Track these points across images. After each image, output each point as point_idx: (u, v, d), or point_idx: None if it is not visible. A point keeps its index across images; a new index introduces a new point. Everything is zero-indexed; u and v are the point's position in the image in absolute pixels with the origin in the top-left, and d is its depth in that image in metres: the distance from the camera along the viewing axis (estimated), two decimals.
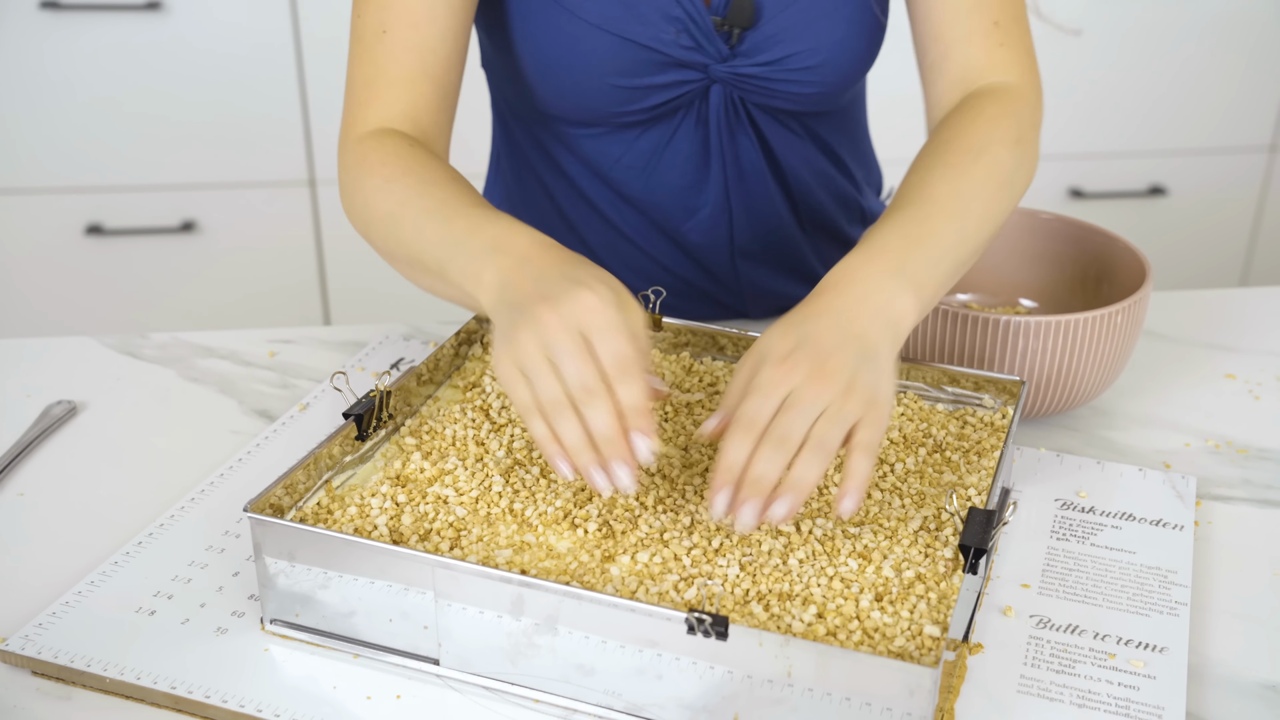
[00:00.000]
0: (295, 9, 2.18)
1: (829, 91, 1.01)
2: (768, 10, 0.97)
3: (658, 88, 0.99)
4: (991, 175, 0.85)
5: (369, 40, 0.92)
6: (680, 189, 1.07)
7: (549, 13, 0.96)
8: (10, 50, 2.16)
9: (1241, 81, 2.40)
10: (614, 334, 0.70)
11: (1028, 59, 0.95)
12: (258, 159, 2.29)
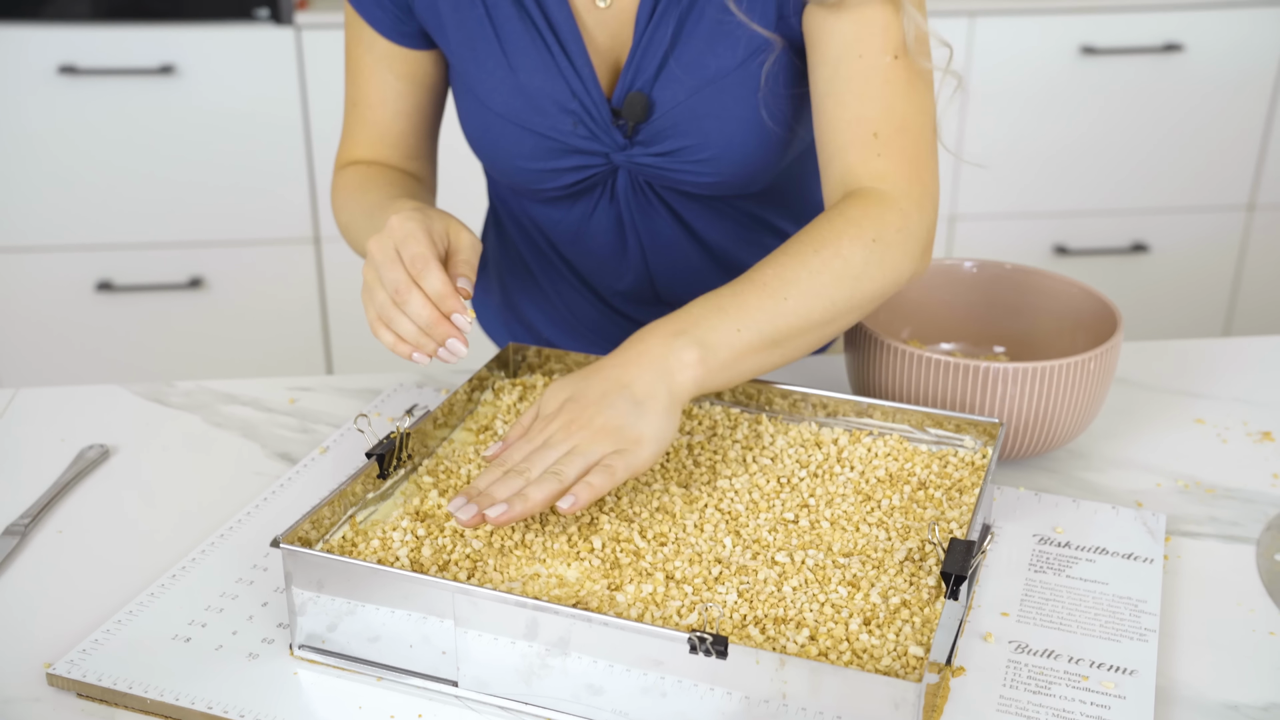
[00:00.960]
0: (302, 71, 2.26)
1: (729, 181, 1.07)
2: (661, 105, 1.03)
3: (564, 170, 1.08)
4: (829, 265, 0.92)
5: (347, 105, 1.15)
6: (605, 257, 1.16)
7: (468, 100, 1.08)
8: (29, 112, 2.24)
9: (1220, 142, 2.48)
10: (412, 240, 0.88)
11: (908, 168, 0.97)
12: (264, 217, 2.36)
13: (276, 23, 2.24)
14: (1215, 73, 2.42)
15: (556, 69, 1.04)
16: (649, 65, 1.03)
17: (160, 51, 2.22)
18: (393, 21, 1.09)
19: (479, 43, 1.05)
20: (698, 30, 1.01)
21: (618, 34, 1.04)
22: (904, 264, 0.95)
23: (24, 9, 2.20)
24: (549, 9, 1.03)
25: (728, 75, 1.02)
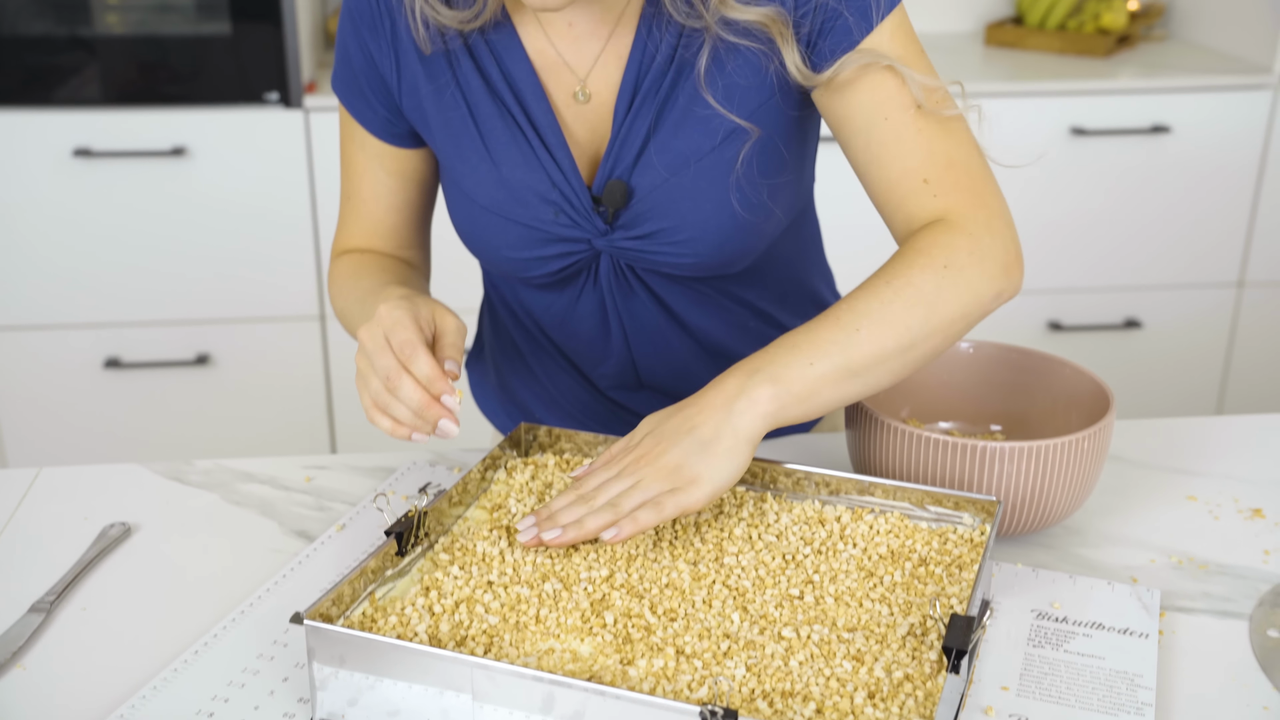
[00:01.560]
0: (310, 152, 2.31)
1: (706, 262, 1.10)
2: (639, 191, 1.07)
3: (548, 258, 1.11)
4: (901, 294, 0.96)
5: (343, 198, 1.21)
6: (589, 341, 1.20)
7: (455, 194, 1.13)
8: (43, 194, 2.28)
9: (1208, 220, 2.53)
10: (400, 328, 0.94)
11: (967, 197, 1.00)
12: (270, 294, 2.40)
13: (286, 106, 2.30)
14: (1201, 153, 2.48)
15: (537, 162, 1.08)
16: (628, 154, 1.07)
17: (172, 134, 2.27)
18: (384, 123, 1.13)
19: (463, 140, 1.09)
20: (674, 118, 1.05)
21: (596, 127, 1.09)
22: (983, 285, 0.98)
23: (40, 94, 2.26)
24: (529, 106, 1.07)
25: (703, 159, 1.05)
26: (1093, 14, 2.68)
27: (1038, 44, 2.70)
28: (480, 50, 1.07)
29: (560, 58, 1.07)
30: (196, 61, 2.28)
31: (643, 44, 1.05)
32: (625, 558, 0.92)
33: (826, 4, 1.00)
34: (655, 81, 1.05)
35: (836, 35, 1.00)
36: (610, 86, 1.07)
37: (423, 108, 1.10)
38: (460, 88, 1.08)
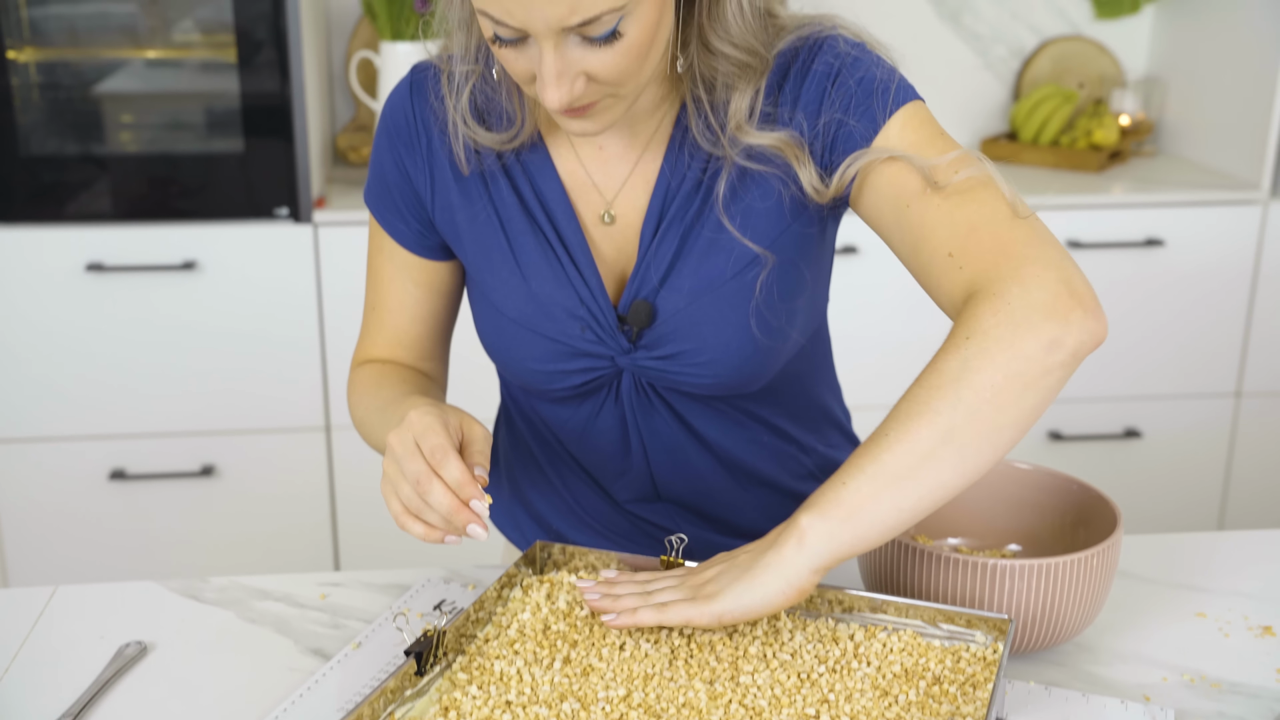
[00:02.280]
0: (318, 266, 2.35)
1: (726, 382, 1.12)
2: (663, 312, 1.10)
3: (572, 372, 1.14)
4: (924, 382, 0.92)
5: (367, 308, 1.24)
6: (609, 454, 1.21)
7: (483, 305, 1.16)
8: (55, 308, 2.31)
9: (1204, 331, 2.56)
10: (430, 433, 0.96)
11: (991, 257, 0.95)
12: (276, 406, 2.41)
13: (295, 221, 2.34)
14: (1195, 266, 2.52)
15: (566, 279, 1.11)
16: (653, 276, 1.10)
17: (183, 248, 2.31)
18: (415, 236, 1.17)
19: (494, 254, 1.13)
20: (698, 244, 1.09)
21: (623, 247, 1.12)
22: (1020, 339, 0.91)
23: (53, 210, 2.30)
24: (560, 225, 1.11)
25: (724, 285, 1.08)
26: (1084, 130, 2.75)
27: (1032, 159, 2.75)
28: (515, 169, 1.12)
29: (590, 179, 1.11)
30: (208, 177, 2.32)
31: (669, 170, 1.09)
32: (642, 677, 0.92)
33: (834, 118, 1.04)
34: (681, 208, 1.09)
35: (848, 145, 1.04)
36: (636, 209, 1.11)
37: (455, 222, 1.14)
38: (494, 204, 1.12)
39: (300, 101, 2.30)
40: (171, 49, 2.34)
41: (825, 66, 1.05)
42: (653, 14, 0.95)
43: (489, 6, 0.93)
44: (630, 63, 0.96)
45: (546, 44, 0.93)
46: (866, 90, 1.04)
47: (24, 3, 2.25)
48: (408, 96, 1.15)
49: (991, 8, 2.89)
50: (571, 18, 0.91)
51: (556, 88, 0.94)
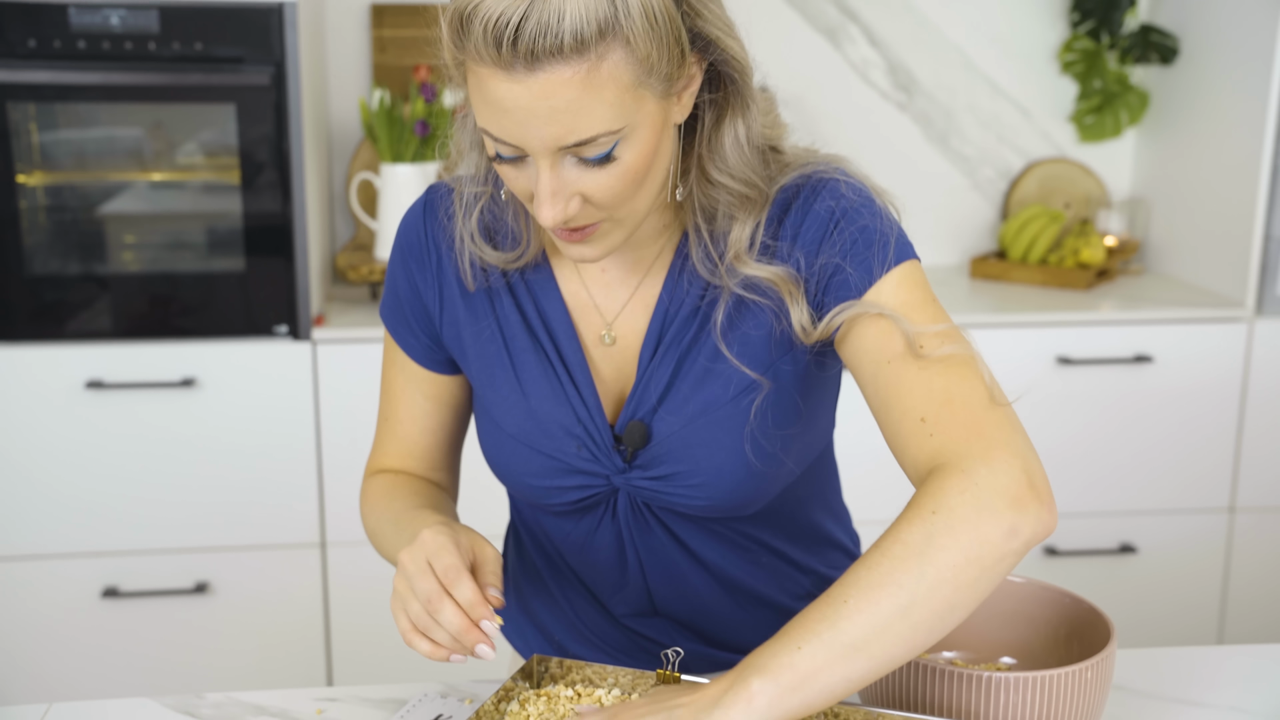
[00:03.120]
0: (316, 383, 2.37)
1: (719, 505, 1.13)
2: (658, 433, 1.12)
3: (568, 489, 1.15)
4: (887, 553, 0.92)
5: (380, 418, 1.26)
6: (606, 570, 1.22)
7: (485, 420, 1.18)
8: (54, 425, 2.33)
9: (1195, 447, 2.58)
10: (444, 553, 0.99)
11: (963, 433, 0.97)
12: (271, 522, 2.41)
13: (294, 338, 2.36)
14: (1184, 382, 2.54)
15: (565, 397, 1.13)
16: (649, 398, 1.12)
17: (183, 366, 2.33)
18: (425, 350, 1.20)
19: (496, 371, 1.15)
20: (694, 369, 1.11)
21: (621, 368, 1.15)
22: (983, 522, 0.92)
23: (53, 328, 2.32)
24: (561, 345, 1.14)
25: (719, 409, 1.10)
26: (1072, 249, 2.80)
27: (1021, 277, 2.80)
28: (519, 288, 1.15)
29: (592, 301, 1.15)
30: (208, 295, 2.36)
31: (669, 295, 1.12)
32: None
33: (832, 262, 1.06)
34: (679, 333, 1.11)
35: (840, 292, 1.06)
36: (635, 331, 1.14)
37: (461, 338, 1.17)
38: (498, 322, 1.15)
39: (301, 222, 2.35)
40: (175, 171, 2.39)
41: (827, 210, 1.07)
42: (650, 141, 0.98)
43: (489, 125, 0.97)
44: (625, 187, 0.99)
45: (543, 163, 0.96)
46: (867, 241, 1.06)
47: (35, 129, 2.31)
48: (421, 215, 1.19)
49: (978, 131, 2.96)
50: (568, 138, 0.94)
51: (551, 206, 0.97)
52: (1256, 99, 2.51)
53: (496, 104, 0.95)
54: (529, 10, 0.90)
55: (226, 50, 2.27)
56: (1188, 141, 2.78)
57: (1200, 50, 2.72)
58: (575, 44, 0.91)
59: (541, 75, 0.92)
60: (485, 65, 0.94)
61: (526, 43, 0.91)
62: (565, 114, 0.94)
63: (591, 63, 0.93)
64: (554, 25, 0.91)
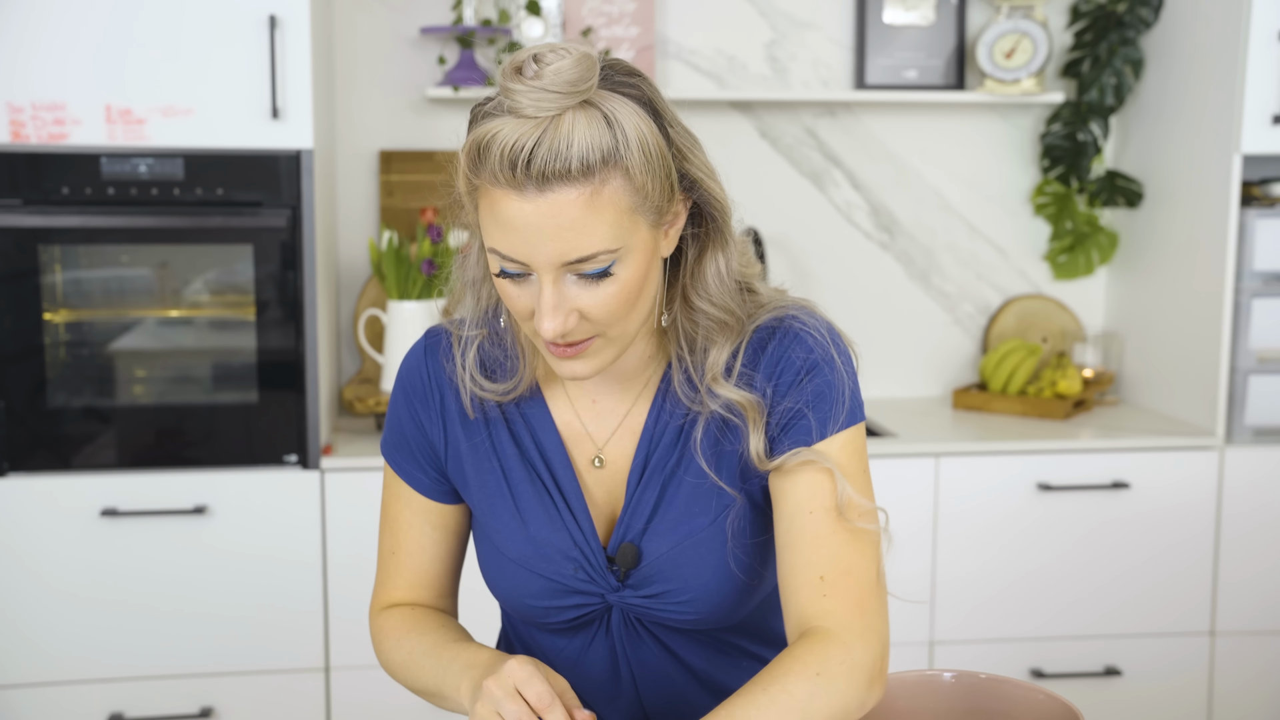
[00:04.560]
0: (324, 510, 2.45)
1: (707, 618, 1.22)
2: (648, 554, 1.22)
3: (565, 608, 1.24)
4: (776, 701, 1.05)
5: (385, 554, 1.32)
6: (600, 682, 1.29)
7: (486, 546, 1.27)
8: (69, 552, 2.40)
9: (1174, 571, 2.66)
10: (534, 681, 1.07)
11: (852, 606, 1.11)
12: (276, 647, 2.47)
13: (303, 468, 2.45)
14: (1161, 508, 2.64)
15: (561, 522, 1.23)
16: (638, 521, 1.22)
17: (196, 494, 2.42)
18: (432, 483, 1.29)
19: (496, 500, 1.24)
20: (679, 493, 1.21)
21: (612, 490, 1.24)
22: (850, 692, 1.07)
23: (69, 459, 2.41)
24: (555, 471, 1.23)
25: (702, 531, 1.20)
26: (1050, 380, 2.91)
27: (1001, 407, 2.91)
28: (515, 420, 1.25)
29: (584, 429, 1.24)
30: (222, 426, 2.45)
31: (653, 422, 1.22)
32: None
33: (795, 407, 1.17)
34: (663, 457, 1.21)
35: (797, 434, 1.17)
36: (624, 455, 1.24)
37: (464, 470, 1.26)
38: (497, 454, 1.24)
39: (313, 356, 2.46)
40: (192, 308, 2.50)
41: (803, 357, 1.18)
42: (642, 264, 1.10)
43: (499, 244, 1.08)
44: (619, 305, 1.10)
45: (546, 278, 1.07)
46: (829, 398, 1.18)
47: (59, 269, 2.43)
48: (422, 358, 1.28)
49: (958, 269, 3.11)
50: (571, 253, 1.05)
51: (552, 318, 1.08)
52: (1216, 239, 2.66)
53: (508, 222, 1.06)
54: (541, 138, 1.02)
55: (246, 195, 2.41)
56: (1156, 279, 2.92)
57: (1163, 194, 2.88)
58: (581, 168, 1.03)
59: (550, 195, 1.04)
60: (500, 187, 1.05)
61: (538, 165, 1.03)
62: (569, 231, 1.05)
63: (595, 186, 1.04)
64: (563, 151, 1.03)
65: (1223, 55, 2.63)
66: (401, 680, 1.26)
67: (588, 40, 2.83)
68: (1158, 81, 2.89)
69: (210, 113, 2.37)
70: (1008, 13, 2.91)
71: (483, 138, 1.05)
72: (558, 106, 1.03)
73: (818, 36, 2.99)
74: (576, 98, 1.04)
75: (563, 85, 1.03)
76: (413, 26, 2.86)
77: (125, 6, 2.32)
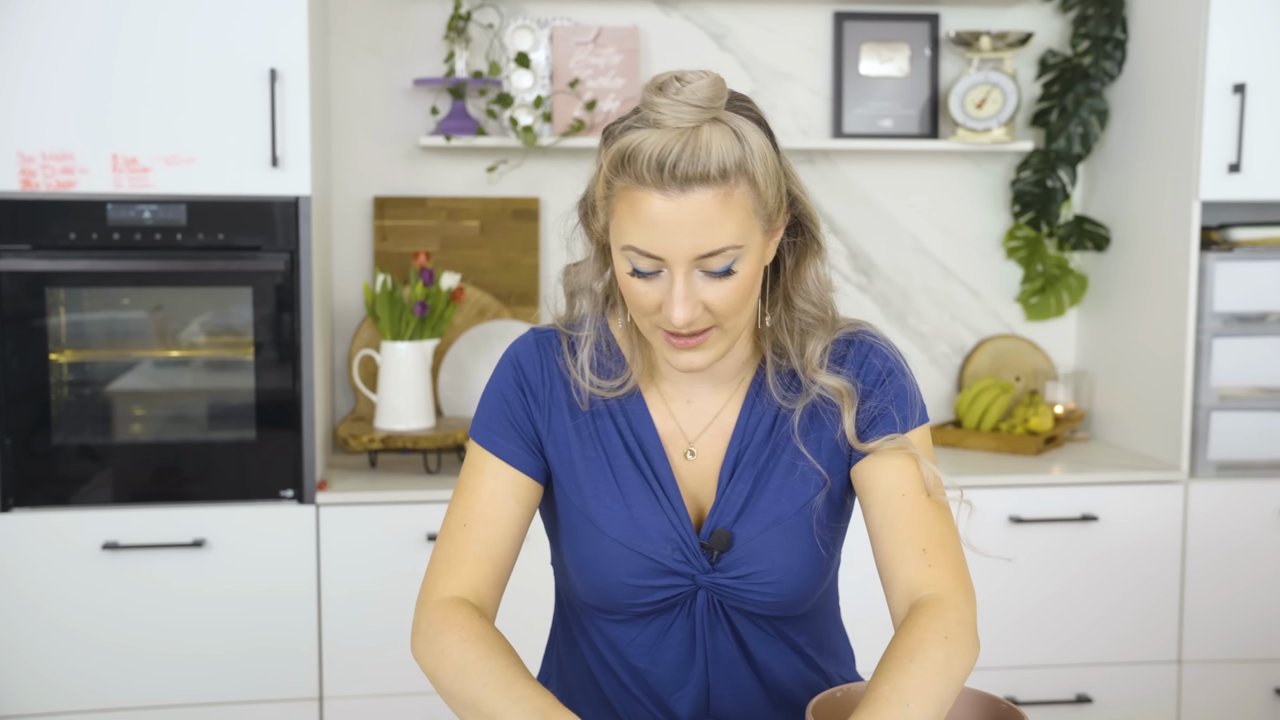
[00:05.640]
0: (319, 544, 2.53)
1: (785, 601, 1.35)
2: (739, 539, 1.35)
3: (658, 588, 1.35)
4: (925, 669, 1.19)
5: (453, 530, 1.35)
6: (674, 666, 1.39)
7: (585, 529, 1.36)
8: (71, 586, 2.47)
9: (1142, 601, 2.75)
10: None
11: (952, 573, 1.29)
12: (271, 677, 2.54)
13: (299, 502, 2.54)
14: (1128, 540, 2.73)
15: (659, 507, 1.35)
16: (730, 510, 1.35)
17: (195, 528, 2.50)
18: (529, 459, 1.37)
19: (600, 484, 1.36)
20: (770, 483, 1.36)
21: (702, 482, 1.38)
22: (971, 650, 1.24)
23: (70, 494, 2.49)
24: (654, 463, 1.37)
25: (790, 518, 1.35)
26: (1022, 418, 3.01)
27: (975, 444, 3.01)
28: (619, 416, 1.38)
29: (679, 427, 1.39)
30: (220, 463, 2.54)
31: (745, 420, 1.38)
32: None
33: (881, 404, 1.36)
34: (756, 452, 1.36)
35: (884, 425, 1.35)
36: (714, 450, 1.38)
37: (571, 456, 1.37)
38: (602, 443, 1.37)
39: (309, 395, 2.55)
40: (194, 349, 2.60)
41: (881, 364, 1.38)
42: (756, 264, 1.26)
43: (638, 240, 1.22)
44: (737, 299, 1.25)
45: (679, 270, 1.22)
46: (906, 399, 1.37)
47: (64, 310, 2.52)
48: (535, 351, 1.40)
49: (933, 311, 3.21)
50: (703, 247, 1.21)
51: (682, 307, 1.23)
52: (1178, 282, 2.77)
53: (649, 219, 1.21)
54: (685, 145, 1.19)
55: (246, 239, 2.51)
56: (1123, 320, 3.03)
57: (1129, 238, 2.99)
58: (719, 172, 1.20)
59: (690, 195, 1.20)
60: (644, 188, 1.21)
61: (682, 169, 1.19)
62: (705, 227, 1.21)
63: (727, 189, 1.21)
64: (703, 157, 1.20)
65: (1181, 107, 2.75)
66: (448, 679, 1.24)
67: (574, 91, 2.94)
68: (1122, 131, 3.01)
69: (212, 161, 2.47)
70: (979, 65, 3.03)
71: (628, 146, 1.21)
72: (695, 120, 1.20)
73: (797, 87, 3.11)
74: (711, 113, 1.21)
75: (701, 100, 1.20)
76: (406, 78, 2.98)
77: (132, 60, 2.43)
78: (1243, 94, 2.65)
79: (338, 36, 2.95)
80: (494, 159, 3.00)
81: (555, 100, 2.95)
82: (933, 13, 3.09)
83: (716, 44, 3.07)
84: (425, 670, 1.29)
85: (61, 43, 2.41)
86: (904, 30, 3.10)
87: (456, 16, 2.87)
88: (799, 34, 3.10)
